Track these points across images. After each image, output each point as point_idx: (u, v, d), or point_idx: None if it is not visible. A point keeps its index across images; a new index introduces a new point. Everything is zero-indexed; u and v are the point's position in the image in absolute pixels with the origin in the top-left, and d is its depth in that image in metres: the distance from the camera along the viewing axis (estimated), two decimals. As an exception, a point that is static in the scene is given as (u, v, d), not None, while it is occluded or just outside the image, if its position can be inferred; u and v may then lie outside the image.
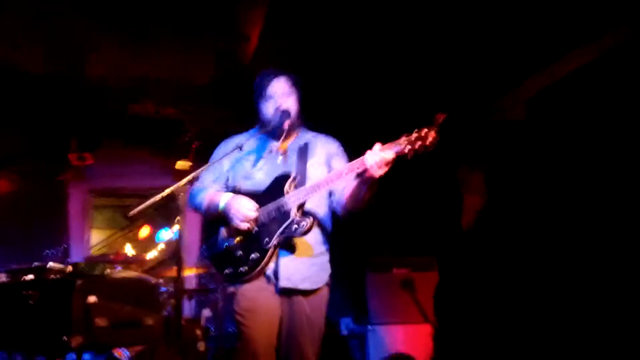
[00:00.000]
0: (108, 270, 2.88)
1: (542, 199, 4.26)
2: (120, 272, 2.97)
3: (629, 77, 3.60)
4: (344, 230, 2.86)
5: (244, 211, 2.56)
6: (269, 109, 2.72)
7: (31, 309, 2.75)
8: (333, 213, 2.80)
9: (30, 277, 2.89)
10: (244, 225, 2.57)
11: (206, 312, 4.81)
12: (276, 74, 2.74)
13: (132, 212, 2.37)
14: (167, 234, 7.63)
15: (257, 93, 2.75)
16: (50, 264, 2.88)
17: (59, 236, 5.59)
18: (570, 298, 3.80)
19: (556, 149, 4.41)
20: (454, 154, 5.04)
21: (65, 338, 2.60)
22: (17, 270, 3.00)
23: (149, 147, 5.32)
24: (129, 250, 8.51)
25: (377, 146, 2.38)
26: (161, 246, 7.90)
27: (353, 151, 2.75)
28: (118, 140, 5.30)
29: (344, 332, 5.02)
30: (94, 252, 6.94)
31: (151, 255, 8.01)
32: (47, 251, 5.48)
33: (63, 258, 5.50)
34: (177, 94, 5.03)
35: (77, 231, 5.64)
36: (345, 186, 2.65)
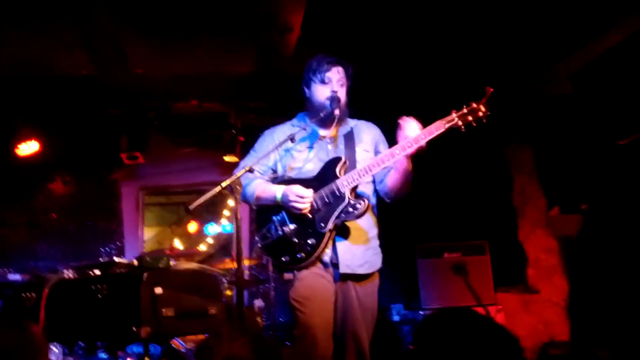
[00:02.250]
0: (171, 263, 2.96)
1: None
2: (182, 264, 3.05)
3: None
4: (394, 217, 2.85)
5: (304, 192, 2.58)
6: (322, 93, 2.74)
7: (100, 302, 2.86)
8: (378, 199, 2.83)
9: (97, 272, 3.01)
10: (306, 209, 2.58)
11: (258, 303, 4.89)
12: (335, 61, 2.76)
13: (192, 206, 2.41)
14: (214, 228, 7.80)
15: (311, 75, 2.76)
16: (116, 259, 2.99)
17: (113, 234, 5.76)
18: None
19: (603, 121, 4.30)
20: (501, 133, 4.96)
21: (134, 329, 2.69)
22: (83, 266, 3.12)
23: (195, 143, 5.41)
24: (178, 245, 8.72)
25: (411, 121, 2.54)
26: (210, 240, 8.09)
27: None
28: (165, 138, 5.39)
29: (396, 318, 5.02)
30: (146, 248, 7.13)
31: (201, 249, 8.20)
32: (102, 249, 5.68)
33: (118, 255, 5.68)
34: (220, 88, 5.07)
35: (130, 228, 5.79)
36: (386, 173, 2.69)
